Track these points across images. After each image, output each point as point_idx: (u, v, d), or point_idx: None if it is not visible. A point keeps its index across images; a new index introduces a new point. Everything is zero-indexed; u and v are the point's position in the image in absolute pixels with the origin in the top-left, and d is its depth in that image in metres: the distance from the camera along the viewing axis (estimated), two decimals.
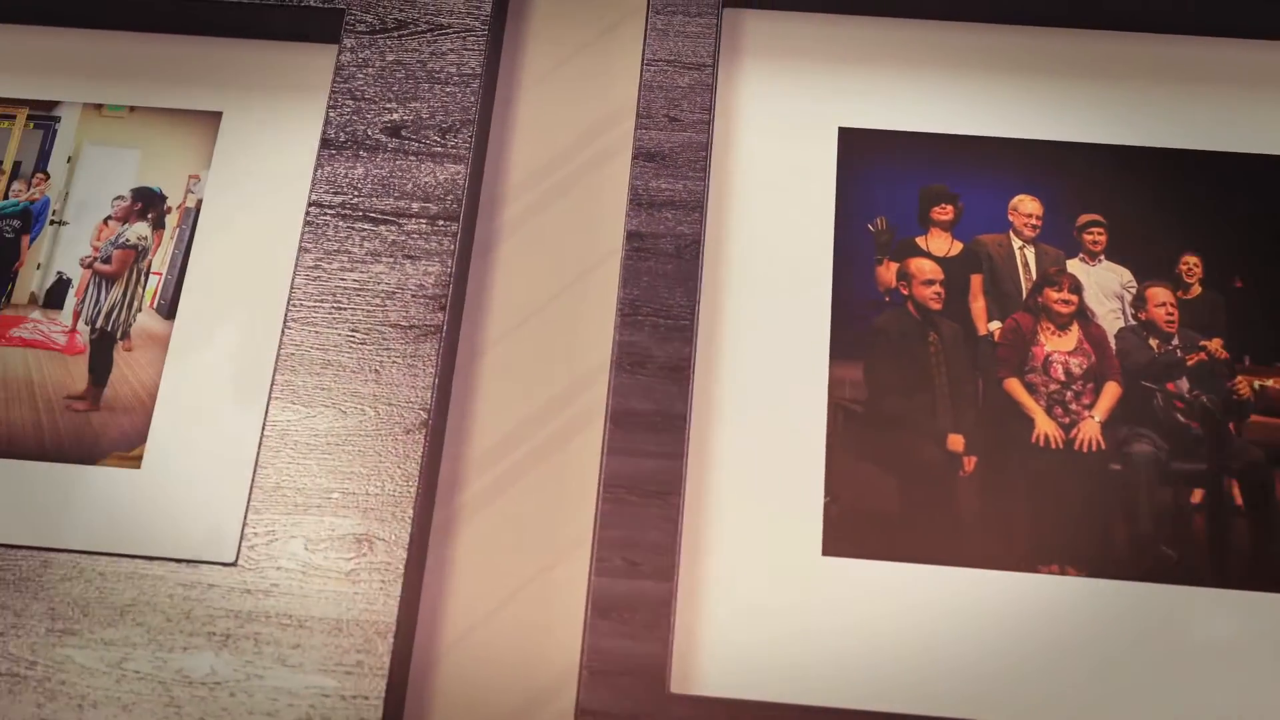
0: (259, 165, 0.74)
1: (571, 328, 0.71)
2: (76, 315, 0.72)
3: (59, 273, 0.73)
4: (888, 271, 0.71)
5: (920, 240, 0.71)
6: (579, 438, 0.68)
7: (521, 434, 0.69)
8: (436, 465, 0.67)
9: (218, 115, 0.75)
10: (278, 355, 0.66)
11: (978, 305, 0.70)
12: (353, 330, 0.67)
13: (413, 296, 0.67)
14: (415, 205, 0.69)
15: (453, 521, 0.67)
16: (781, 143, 0.73)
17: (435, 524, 0.67)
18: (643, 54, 0.72)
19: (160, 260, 0.73)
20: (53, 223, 0.74)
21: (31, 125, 0.76)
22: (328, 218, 0.69)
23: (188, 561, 0.62)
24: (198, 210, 0.74)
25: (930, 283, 0.70)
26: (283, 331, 0.67)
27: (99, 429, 0.69)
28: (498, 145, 0.75)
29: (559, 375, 0.70)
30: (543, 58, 0.77)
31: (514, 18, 0.78)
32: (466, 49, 0.73)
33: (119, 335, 0.71)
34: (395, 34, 0.73)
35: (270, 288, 0.71)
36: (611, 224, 0.73)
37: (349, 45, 0.73)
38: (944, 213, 0.72)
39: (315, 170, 0.70)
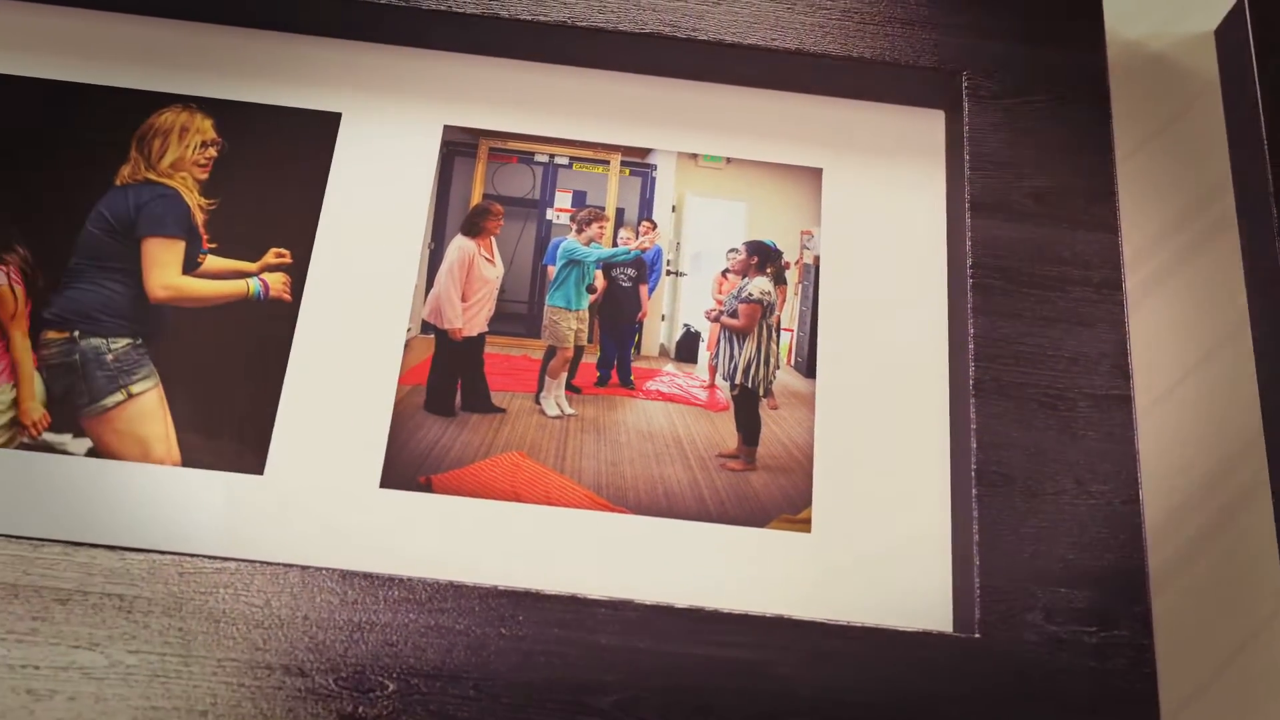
0: (869, 224, 0.73)
1: (1211, 403, 0.71)
2: (713, 370, 0.69)
3: (686, 325, 0.71)
4: None
5: None
6: (1246, 513, 0.68)
7: (1188, 507, 0.68)
8: None
9: (818, 171, 0.74)
10: (962, 419, 0.65)
11: None
12: (1045, 397, 0.66)
13: (1094, 364, 0.67)
14: (1077, 272, 0.69)
15: None
16: None
17: None
18: (1263, 130, 0.73)
19: (788, 316, 0.71)
20: (669, 273, 0.72)
21: (627, 172, 0.74)
22: (992, 280, 0.68)
23: (939, 633, 0.60)
24: (817, 267, 0.72)
25: None
26: (971, 393, 0.65)
27: (759, 490, 0.66)
28: None
29: (1209, 450, 0.69)
30: (1126, 134, 0.77)
31: None
32: (1093, 119, 0.73)
33: (761, 392, 0.69)
34: (1016, 99, 0.73)
35: (910, 350, 0.70)
36: (1230, 298, 0.73)
37: (972, 109, 0.73)
38: None
39: (969, 233, 0.69)
